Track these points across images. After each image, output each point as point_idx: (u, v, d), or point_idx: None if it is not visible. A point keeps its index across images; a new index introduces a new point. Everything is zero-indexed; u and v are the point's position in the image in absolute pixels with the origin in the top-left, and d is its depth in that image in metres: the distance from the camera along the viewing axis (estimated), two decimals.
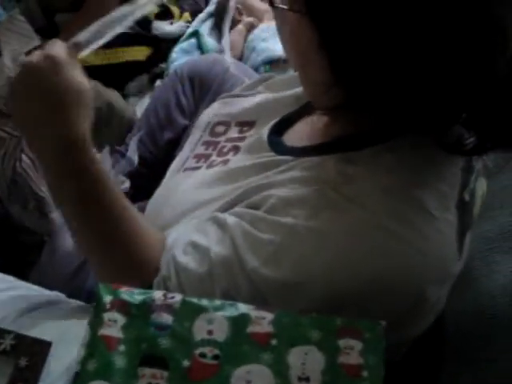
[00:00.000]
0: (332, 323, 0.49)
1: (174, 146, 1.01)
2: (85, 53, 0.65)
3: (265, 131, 0.72)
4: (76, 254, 0.83)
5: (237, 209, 0.62)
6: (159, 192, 0.79)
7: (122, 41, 1.42)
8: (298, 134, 0.69)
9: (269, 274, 0.55)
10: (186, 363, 0.48)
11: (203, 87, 1.08)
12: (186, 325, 0.50)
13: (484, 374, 0.65)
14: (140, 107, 1.36)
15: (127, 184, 0.99)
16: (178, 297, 0.52)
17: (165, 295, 0.52)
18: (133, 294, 0.52)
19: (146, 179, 0.96)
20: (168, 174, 0.83)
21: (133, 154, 1.02)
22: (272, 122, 0.73)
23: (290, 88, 0.79)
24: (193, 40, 1.43)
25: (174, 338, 0.49)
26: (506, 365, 0.63)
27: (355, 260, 0.54)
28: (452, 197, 0.59)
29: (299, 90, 0.74)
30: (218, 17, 1.52)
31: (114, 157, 1.08)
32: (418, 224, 0.56)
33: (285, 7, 0.55)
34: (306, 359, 0.47)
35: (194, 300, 0.51)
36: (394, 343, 0.53)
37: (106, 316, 0.50)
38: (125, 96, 1.43)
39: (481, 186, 0.67)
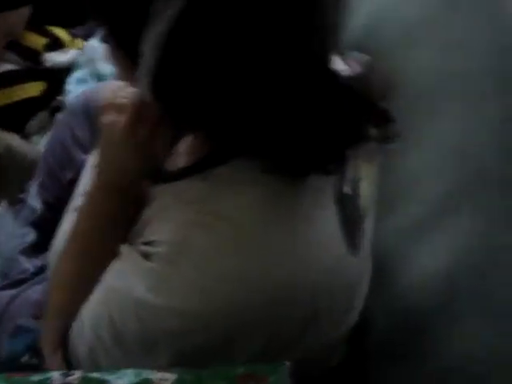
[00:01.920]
0: (233, 373, 0.48)
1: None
2: None
3: None
4: None
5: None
6: (59, 236, 0.75)
7: (12, 79, 1.36)
8: (173, 159, 0.67)
9: (152, 302, 0.54)
10: None
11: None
12: None
13: (411, 369, 0.64)
14: (43, 146, 1.30)
15: (32, 235, 0.93)
16: (78, 373, 0.49)
17: (63, 374, 0.50)
18: (28, 379, 0.48)
19: (53, 224, 0.90)
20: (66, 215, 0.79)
21: (34, 200, 0.96)
22: None
23: None
24: (87, 68, 1.37)
25: None
26: (432, 364, 0.62)
27: (239, 281, 0.53)
28: (326, 194, 0.58)
29: None
30: None
31: (16, 207, 1.02)
32: (289, 229, 0.55)
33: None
34: None
35: (95, 375, 0.48)
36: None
37: None
38: (26, 136, 1.36)
39: (370, 173, 0.65)
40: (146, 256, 0.56)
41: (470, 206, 0.69)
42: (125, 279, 0.57)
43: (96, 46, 1.44)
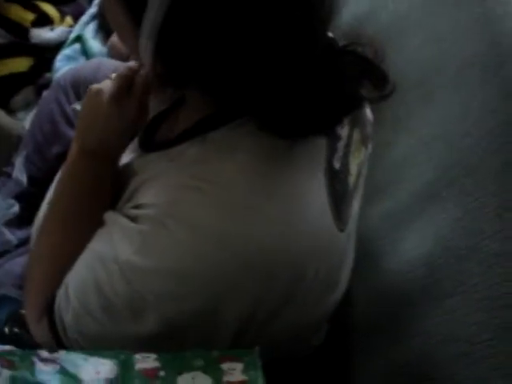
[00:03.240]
0: (211, 355, 0.50)
1: (64, 159, 0.95)
2: None
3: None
4: None
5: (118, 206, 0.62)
6: (42, 208, 0.75)
7: None
8: (167, 128, 0.68)
9: (140, 264, 0.54)
10: None
11: None
12: (73, 371, 0.47)
13: (398, 354, 0.65)
14: (29, 122, 1.29)
15: (16, 208, 0.92)
16: (62, 352, 0.50)
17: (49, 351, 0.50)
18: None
19: (38, 198, 0.90)
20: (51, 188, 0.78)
21: (20, 173, 0.95)
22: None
23: None
24: (77, 45, 1.36)
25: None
26: (418, 344, 0.63)
27: (227, 243, 0.53)
28: (317, 165, 0.58)
29: None
30: (103, 18, 1.45)
31: (0, 179, 1.01)
32: (280, 196, 0.55)
33: None
34: (194, 383, 0.48)
35: (79, 353, 0.50)
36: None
37: None
38: (11, 112, 1.34)
39: (357, 154, 0.66)
40: (134, 219, 0.56)
41: (453, 193, 0.70)
42: (111, 243, 0.57)
43: (85, 23, 1.43)
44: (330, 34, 0.59)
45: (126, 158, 0.67)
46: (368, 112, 0.69)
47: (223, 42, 0.49)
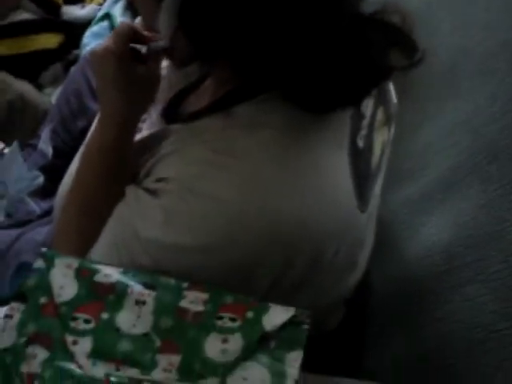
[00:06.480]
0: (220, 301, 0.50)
1: None
2: None
3: (159, 106, 0.70)
4: None
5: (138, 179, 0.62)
6: (65, 179, 0.75)
7: (29, 28, 1.35)
8: (192, 102, 0.68)
9: (162, 239, 0.54)
10: None
11: None
12: None
13: (410, 334, 0.65)
14: (56, 97, 1.30)
15: (41, 179, 0.93)
16: None
17: None
18: None
19: (62, 171, 0.91)
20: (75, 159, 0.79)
21: (46, 146, 0.96)
22: (169, 96, 0.70)
23: None
24: (105, 23, 1.36)
25: None
26: (434, 330, 0.62)
27: (249, 217, 0.53)
28: (341, 143, 0.58)
29: None
30: None
31: (26, 151, 1.02)
32: (305, 171, 0.55)
33: None
34: None
35: None
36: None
37: None
38: (39, 86, 1.36)
39: (381, 133, 0.65)
40: (154, 192, 0.56)
41: (477, 180, 0.69)
42: (131, 221, 0.57)
43: (114, 1, 1.43)
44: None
45: (146, 132, 0.67)
46: (392, 93, 0.67)
47: (249, 13, 0.48)
